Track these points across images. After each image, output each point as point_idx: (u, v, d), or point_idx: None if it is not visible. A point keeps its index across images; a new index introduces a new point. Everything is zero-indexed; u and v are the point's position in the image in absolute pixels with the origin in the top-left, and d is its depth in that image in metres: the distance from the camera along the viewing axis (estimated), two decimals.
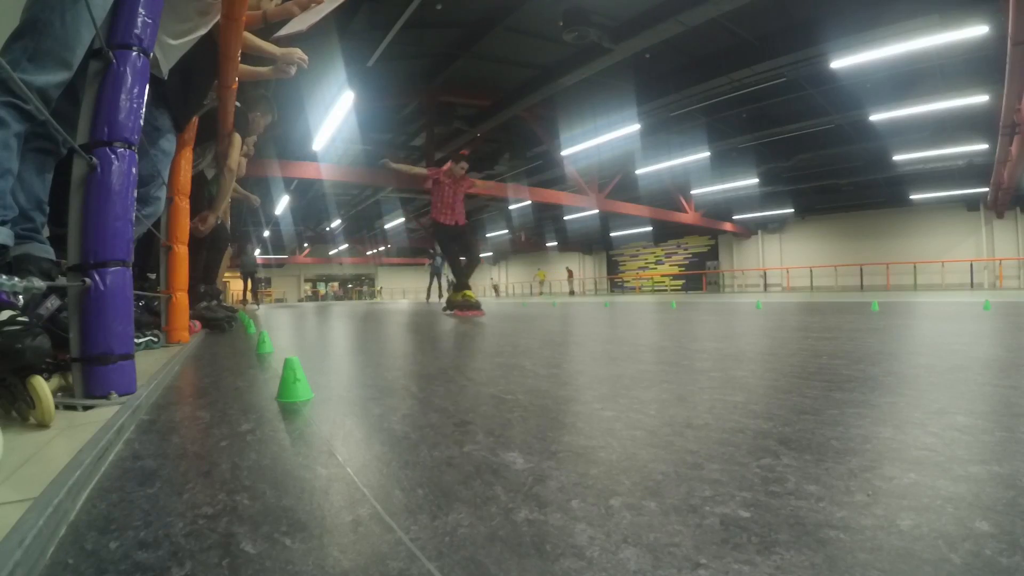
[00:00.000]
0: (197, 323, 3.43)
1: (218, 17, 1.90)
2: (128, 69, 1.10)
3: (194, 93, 2.26)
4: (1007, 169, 11.15)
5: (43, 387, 0.83)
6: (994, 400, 0.99)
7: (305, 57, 2.69)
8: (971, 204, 17.11)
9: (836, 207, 19.27)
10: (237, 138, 3.15)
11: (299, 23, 2.61)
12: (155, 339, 2.18)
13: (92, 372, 1.00)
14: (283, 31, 2.66)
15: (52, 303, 1.14)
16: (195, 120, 2.63)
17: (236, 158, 3.22)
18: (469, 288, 5.48)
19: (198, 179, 3.25)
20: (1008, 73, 6.38)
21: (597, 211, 17.00)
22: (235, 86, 2.51)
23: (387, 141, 13.83)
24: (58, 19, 0.99)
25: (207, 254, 3.82)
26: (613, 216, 19.22)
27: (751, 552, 0.45)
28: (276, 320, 5.81)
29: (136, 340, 1.94)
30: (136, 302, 2.34)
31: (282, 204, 16.56)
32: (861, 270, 18.39)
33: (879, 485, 0.58)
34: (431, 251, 15.01)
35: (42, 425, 0.84)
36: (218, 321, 3.79)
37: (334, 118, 8.51)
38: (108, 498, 0.62)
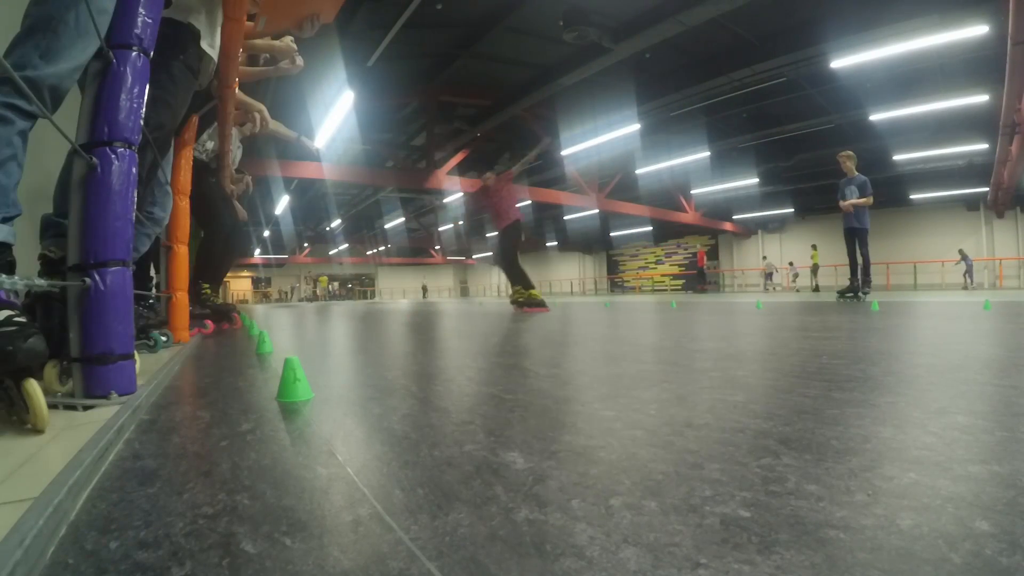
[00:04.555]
0: (210, 324, 3.44)
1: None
2: (128, 69, 1.10)
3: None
4: (1007, 169, 11.15)
5: (36, 391, 0.80)
6: (994, 400, 0.99)
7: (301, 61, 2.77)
8: (971, 204, 17.11)
9: (836, 207, 19.25)
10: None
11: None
12: (164, 337, 2.18)
13: (92, 372, 1.00)
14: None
15: None
16: (194, 120, 2.64)
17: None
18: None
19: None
20: (1008, 73, 6.38)
21: (597, 211, 17.00)
22: (235, 86, 2.51)
23: (387, 141, 13.83)
24: (72, 17, 0.99)
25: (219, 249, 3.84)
26: (613, 216, 19.22)
27: (751, 552, 0.45)
28: (275, 320, 5.81)
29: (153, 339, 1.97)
30: (143, 301, 2.35)
31: (282, 204, 16.55)
32: None
33: (879, 485, 0.58)
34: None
35: (36, 430, 0.81)
36: (225, 312, 3.94)
37: (334, 118, 8.51)
38: (108, 498, 0.62)
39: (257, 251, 27.29)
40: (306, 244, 28.87)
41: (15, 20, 1.00)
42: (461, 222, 20.83)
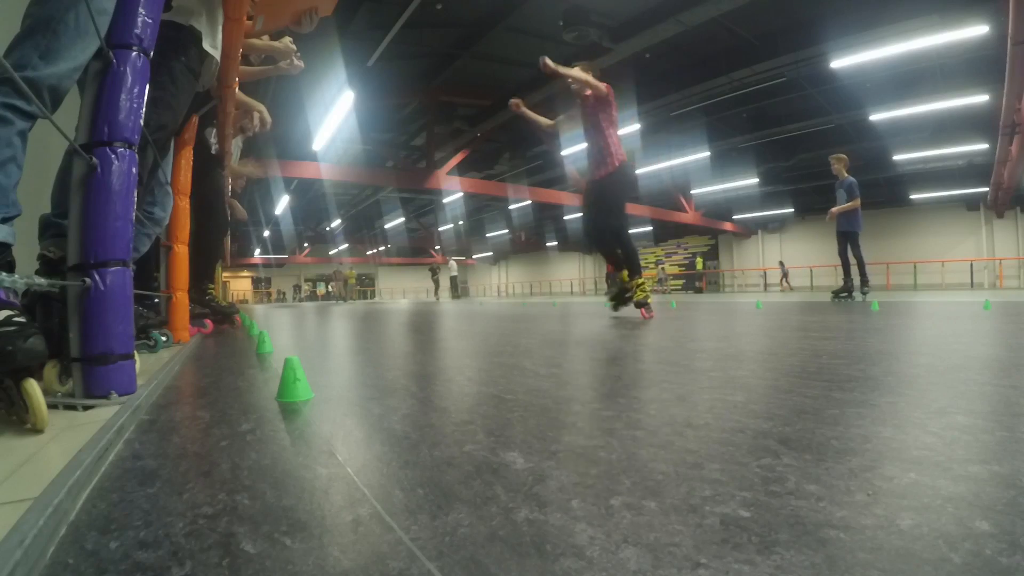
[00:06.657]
0: (210, 323, 3.46)
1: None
2: (128, 69, 1.10)
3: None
4: (1007, 169, 11.16)
5: (36, 391, 0.80)
6: (994, 400, 0.99)
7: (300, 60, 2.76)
8: (971, 204, 17.10)
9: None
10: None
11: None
12: (164, 337, 2.18)
13: (92, 372, 1.00)
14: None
15: None
16: (195, 120, 2.64)
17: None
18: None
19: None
20: (1008, 73, 6.39)
21: None
22: (235, 86, 2.51)
23: (387, 140, 13.83)
24: (72, 17, 0.99)
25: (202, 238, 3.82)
26: None
27: (751, 552, 0.45)
28: (274, 320, 5.81)
29: (152, 339, 1.97)
30: (144, 301, 2.35)
31: (282, 204, 16.56)
32: None
33: (879, 485, 0.58)
34: None
35: (36, 430, 0.81)
36: (227, 314, 3.95)
37: (334, 118, 8.52)
38: (108, 498, 0.62)
39: (257, 251, 27.30)
40: (306, 244, 28.89)
41: (15, 20, 1.00)
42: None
